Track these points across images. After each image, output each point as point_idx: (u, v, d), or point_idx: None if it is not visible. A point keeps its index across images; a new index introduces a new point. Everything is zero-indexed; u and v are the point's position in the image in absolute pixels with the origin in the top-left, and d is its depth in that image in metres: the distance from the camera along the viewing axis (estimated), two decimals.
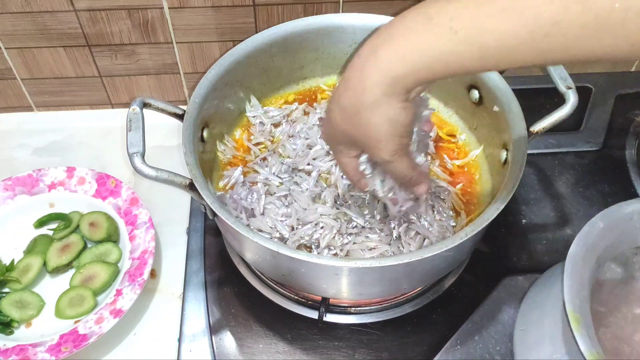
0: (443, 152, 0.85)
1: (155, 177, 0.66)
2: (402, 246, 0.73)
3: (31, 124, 1.05)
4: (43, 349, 0.73)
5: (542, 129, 0.73)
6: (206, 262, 0.84)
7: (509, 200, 0.66)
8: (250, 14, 0.93)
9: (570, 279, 0.59)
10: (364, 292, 0.71)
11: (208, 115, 0.79)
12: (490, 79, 0.79)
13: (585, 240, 0.62)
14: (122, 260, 0.82)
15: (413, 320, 0.79)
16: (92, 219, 0.85)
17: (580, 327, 0.55)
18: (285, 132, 0.86)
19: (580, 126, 1.02)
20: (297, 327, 0.78)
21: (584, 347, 0.54)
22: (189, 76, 1.02)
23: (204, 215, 0.89)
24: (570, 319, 0.56)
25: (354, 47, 0.90)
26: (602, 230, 0.63)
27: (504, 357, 0.73)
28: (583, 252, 0.61)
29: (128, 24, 0.93)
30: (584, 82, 1.07)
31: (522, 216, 0.90)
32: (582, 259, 0.61)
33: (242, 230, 0.64)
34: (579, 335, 0.55)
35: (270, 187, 0.80)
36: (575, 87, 0.73)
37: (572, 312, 0.56)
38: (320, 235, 0.73)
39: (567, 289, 0.58)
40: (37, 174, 0.90)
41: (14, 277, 0.80)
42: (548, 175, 0.95)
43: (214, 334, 0.77)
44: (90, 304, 0.77)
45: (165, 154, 0.97)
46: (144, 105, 0.72)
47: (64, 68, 0.99)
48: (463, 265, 0.83)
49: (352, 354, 0.76)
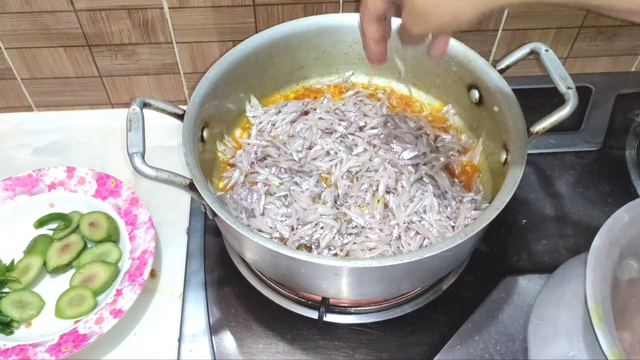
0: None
1: (155, 177, 0.66)
2: (402, 246, 0.74)
3: (31, 124, 1.05)
4: (43, 349, 0.73)
5: (542, 129, 0.73)
6: (206, 262, 0.84)
7: (509, 200, 0.66)
8: (250, 14, 0.93)
9: (593, 272, 0.55)
10: (364, 292, 0.71)
11: (208, 115, 0.79)
12: (490, 79, 0.79)
13: (609, 233, 0.59)
14: (122, 260, 0.82)
15: (413, 320, 0.79)
16: (92, 219, 0.85)
17: (602, 323, 0.52)
18: (285, 132, 0.86)
19: (580, 126, 1.02)
20: (297, 327, 0.78)
21: (606, 345, 0.51)
22: (189, 76, 1.02)
23: (204, 215, 0.89)
24: (591, 314, 0.53)
25: (354, 47, 0.90)
26: (627, 224, 0.60)
27: (504, 357, 0.73)
28: (607, 246, 0.58)
29: (128, 24, 0.93)
30: (584, 82, 1.07)
31: (522, 216, 0.90)
32: (605, 252, 0.58)
33: (242, 231, 0.64)
34: (600, 332, 0.52)
35: (270, 187, 0.80)
36: (575, 87, 0.73)
37: (594, 308, 0.53)
38: (320, 236, 0.73)
39: (590, 284, 0.55)
40: (37, 174, 0.90)
41: (14, 277, 0.80)
42: (548, 175, 0.95)
43: (214, 334, 0.77)
44: (90, 304, 0.77)
45: (165, 154, 0.97)
46: (144, 105, 0.72)
47: (64, 68, 0.99)
48: (463, 265, 0.83)
49: (352, 354, 0.76)
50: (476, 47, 0.83)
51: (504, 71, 0.80)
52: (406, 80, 0.90)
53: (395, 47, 0.88)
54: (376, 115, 0.87)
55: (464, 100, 0.86)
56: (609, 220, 0.60)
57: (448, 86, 0.88)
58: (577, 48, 1.06)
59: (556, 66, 0.75)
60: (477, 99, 0.83)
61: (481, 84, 0.81)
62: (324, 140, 0.83)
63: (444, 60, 0.85)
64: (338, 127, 0.85)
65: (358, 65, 0.93)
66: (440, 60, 0.84)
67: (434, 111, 0.91)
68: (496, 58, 1.05)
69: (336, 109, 0.88)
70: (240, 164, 0.83)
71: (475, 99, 0.84)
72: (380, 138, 0.84)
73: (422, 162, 0.81)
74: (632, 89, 1.07)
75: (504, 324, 0.76)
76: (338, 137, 0.84)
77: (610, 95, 1.06)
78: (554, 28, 1.02)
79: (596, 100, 1.05)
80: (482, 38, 1.02)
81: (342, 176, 0.79)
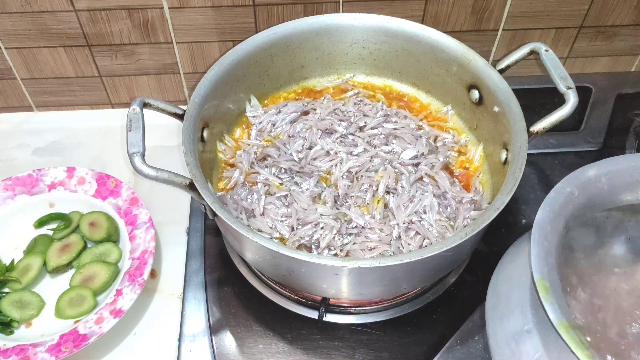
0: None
1: (155, 177, 0.66)
2: (402, 246, 0.74)
3: (31, 124, 1.05)
4: (43, 349, 0.73)
5: (542, 129, 0.73)
6: (206, 262, 0.84)
7: (509, 200, 0.66)
8: (250, 14, 0.93)
9: (538, 245, 0.56)
10: (364, 292, 0.71)
11: (208, 115, 0.79)
12: (491, 79, 0.79)
13: (552, 206, 0.60)
14: (122, 260, 0.82)
15: (413, 320, 0.79)
16: (92, 219, 0.85)
17: (548, 295, 0.53)
18: (285, 132, 0.86)
19: (580, 126, 1.02)
20: (297, 327, 0.78)
21: (553, 316, 0.52)
22: (189, 76, 1.02)
23: (204, 215, 0.89)
24: (537, 286, 0.54)
25: (354, 47, 0.90)
26: (569, 195, 0.61)
27: None
28: (550, 218, 0.59)
29: (128, 24, 0.93)
30: (584, 82, 1.07)
31: (522, 216, 0.90)
32: (550, 225, 0.58)
33: (242, 231, 0.64)
34: (547, 303, 0.53)
35: (270, 187, 0.80)
36: (575, 87, 0.73)
37: (540, 279, 0.54)
38: (320, 236, 0.73)
39: (535, 256, 0.56)
40: (37, 174, 0.90)
41: (14, 277, 0.80)
42: (548, 175, 0.95)
43: (214, 334, 0.77)
44: (90, 304, 0.77)
45: (165, 154, 0.97)
46: (144, 105, 0.72)
47: (64, 68, 0.99)
48: (463, 265, 0.83)
49: (352, 354, 0.76)
50: (476, 47, 0.83)
51: (504, 71, 0.80)
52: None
53: (396, 47, 0.89)
54: (376, 115, 0.87)
55: (464, 100, 0.86)
56: (551, 193, 0.61)
57: (448, 86, 0.88)
58: (577, 48, 1.06)
59: (556, 66, 0.75)
60: (477, 99, 0.83)
61: (481, 84, 0.81)
62: (324, 140, 0.83)
63: (444, 60, 0.85)
64: (338, 127, 0.85)
65: (358, 65, 0.93)
66: None
67: (434, 111, 0.91)
68: (496, 58, 1.05)
69: (336, 109, 0.88)
70: (240, 164, 0.83)
71: (475, 99, 0.84)
72: (380, 138, 0.84)
73: (422, 162, 0.81)
74: (632, 89, 1.07)
75: None
76: (338, 137, 0.84)
77: (610, 95, 1.06)
78: (554, 28, 1.02)
79: (596, 100, 1.05)
80: (482, 38, 1.02)
81: (342, 176, 0.79)
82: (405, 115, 0.88)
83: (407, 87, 0.93)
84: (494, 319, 0.65)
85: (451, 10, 0.96)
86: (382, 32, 0.87)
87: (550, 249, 0.57)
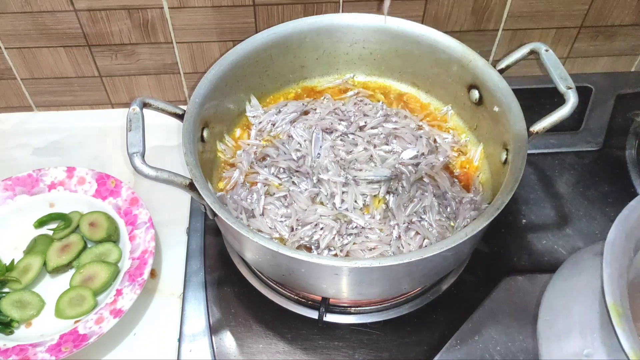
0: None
1: (155, 177, 0.66)
2: (402, 246, 0.73)
3: (31, 124, 1.05)
4: (43, 349, 0.73)
5: (542, 129, 0.73)
6: (206, 262, 0.84)
7: (509, 200, 0.66)
8: (250, 14, 0.93)
9: (610, 267, 0.52)
10: (364, 292, 0.71)
11: (208, 115, 0.79)
12: (491, 79, 0.79)
13: (624, 225, 0.56)
14: (122, 260, 0.82)
15: (413, 320, 0.79)
16: (92, 219, 0.85)
17: (621, 321, 0.49)
18: (285, 132, 0.86)
19: (580, 126, 1.02)
20: (297, 327, 0.78)
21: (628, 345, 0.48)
22: (189, 76, 1.02)
23: (204, 215, 0.89)
24: (611, 312, 0.49)
25: (354, 47, 0.90)
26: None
27: (504, 357, 0.73)
28: (622, 238, 0.55)
29: (128, 24, 0.93)
30: (584, 82, 1.07)
31: (522, 216, 0.90)
32: (622, 245, 0.54)
33: (243, 231, 0.64)
34: (621, 330, 0.48)
35: (269, 187, 0.80)
36: (575, 87, 0.73)
37: (613, 305, 0.50)
38: (320, 237, 0.73)
39: (607, 278, 0.51)
40: (37, 174, 0.90)
41: (14, 277, 0.80)
42: (548, 175, 0.95)
43: (214, 334, 0.77)
44: (90, 304, 0.77)
45: (165, 154, 0.97)
46: (144, 105, 0.72)
47: (64, 68, 0.99)
48: (463, 265, 0.83)
49: (352, 354, 0.76)
50: (476, 47, 0.83)
51: (504, 71, 0.80)
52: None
53: (396, 46, 0.89)
54: (376, 115, 0.87)
55: (464, 100, 0.86)
56: (624, 211, 0.57)
57: (448, 86, 0.88)
58: (577, 48, 1.06)
59: (556, 66, 0.75)
60: (477, 99, 0.83)
61: (481, 84, 0.81)
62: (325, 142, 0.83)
63: (444, 60, 0.85)
64: (338, 126, 0.85)
65: (358, 65, 0.93)
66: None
67: (434, 111, 0.91)
68: (496, 58, 1.05)
69: (336, 109, 0.88)
70: (240, 164, 0.83)
71: (475, 99, 0.84)
72: (381, 138, 0.84)
73: (422, 162, 0.81)
74: (632, 89, 1.07)
75: (504, 324, 0.76)
76: (338, 135, 0.84)
77: (610, 95, 1.06)
78: (554, 28, 1.02)
79: (596, 100, 1.05)
80: (482, 38, 1.02)
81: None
82: (405, 115, 0.88)
83: (407, 87, 0.93)
84: (549, 338, 0.61)
85: (451, 10, 0.96)
86: (382, 32, 0.88)
87: (622, 272, 0.53)
